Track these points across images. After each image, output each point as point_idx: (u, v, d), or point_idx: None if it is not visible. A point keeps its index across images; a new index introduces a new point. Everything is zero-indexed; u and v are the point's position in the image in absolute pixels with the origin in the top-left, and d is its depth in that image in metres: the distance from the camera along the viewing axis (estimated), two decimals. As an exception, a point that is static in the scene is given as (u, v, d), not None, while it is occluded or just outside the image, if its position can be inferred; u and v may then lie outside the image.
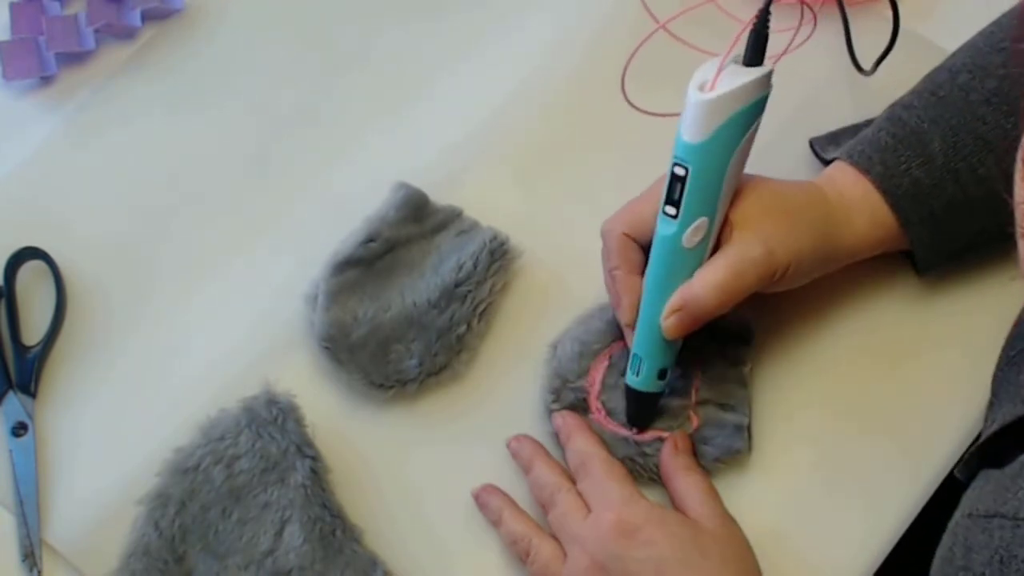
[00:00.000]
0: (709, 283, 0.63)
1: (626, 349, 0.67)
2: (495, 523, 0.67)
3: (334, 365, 0.70)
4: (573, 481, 0.66)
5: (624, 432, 0.68)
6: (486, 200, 0.75)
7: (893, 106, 0.70)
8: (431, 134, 0.78)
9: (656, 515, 0.62)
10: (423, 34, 0.82)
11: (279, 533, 0.65)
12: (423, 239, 0.73)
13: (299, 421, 0.67)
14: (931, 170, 0.66)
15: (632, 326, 0.66)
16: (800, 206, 0.66)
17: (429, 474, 0.69)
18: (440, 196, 0.75)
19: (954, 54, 0.71)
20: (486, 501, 0.67)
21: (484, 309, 0.71)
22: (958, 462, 0.65)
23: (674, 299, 0.63)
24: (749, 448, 0.68)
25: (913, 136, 0.67)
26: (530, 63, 0.81)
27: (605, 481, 0.64)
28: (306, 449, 0.66)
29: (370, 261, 0.72)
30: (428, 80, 0.81)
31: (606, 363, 0.69)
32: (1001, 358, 0.66)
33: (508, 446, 0.69)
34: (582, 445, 0.67)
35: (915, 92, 0.70)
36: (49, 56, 0.81)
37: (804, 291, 0.68)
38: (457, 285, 0.70)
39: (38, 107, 0.80)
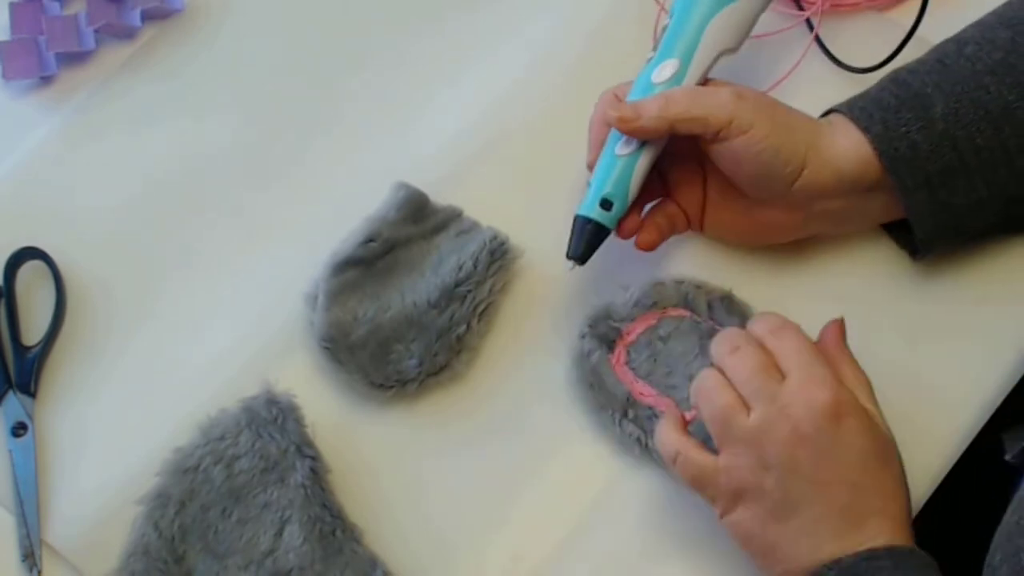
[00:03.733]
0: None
1: (674, 319, 0.69)
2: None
3: (334, 365, 0.70)
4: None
5: (637, 391, 0.69)
6: (486, 200, 0.75)
7: (897, 70, 0.70)
8: (431, 134, 0.78)
9: (861, 408, 0.60)
10: (423, 35, 0.82)
11: (279, 533, 0.65)
12: (423, 239, 0.73)
13: (299, 421, 0.67)
14: (930, 135, 0.66)
15: (592, 167, 0.69)
16: (785, 105, 0.68)
17: (429, 474, 0.69)
18: (440, 196, 0.74)
19: (963, 29, 0.71)
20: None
21: (484, 309, 0.71)
22: (1014, 451, 0.66)
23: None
24: None
25: (916, 99, 0.67)
26: (530, 63, 0.81)
27: (810, 355, 0.60)
28: (306, 449, 0.66)
29: (370, 261, 0.72)
30: (428, 80, 0.81)
31: (653, 323, 0.70)
32: None
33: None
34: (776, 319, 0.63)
35: (920, 60, 0.70)
36: (49, 56, 0.81)
37: (806, 277, 0.67)
38: (457, 285, 0.70)
39: (38, 107, 0.80)
